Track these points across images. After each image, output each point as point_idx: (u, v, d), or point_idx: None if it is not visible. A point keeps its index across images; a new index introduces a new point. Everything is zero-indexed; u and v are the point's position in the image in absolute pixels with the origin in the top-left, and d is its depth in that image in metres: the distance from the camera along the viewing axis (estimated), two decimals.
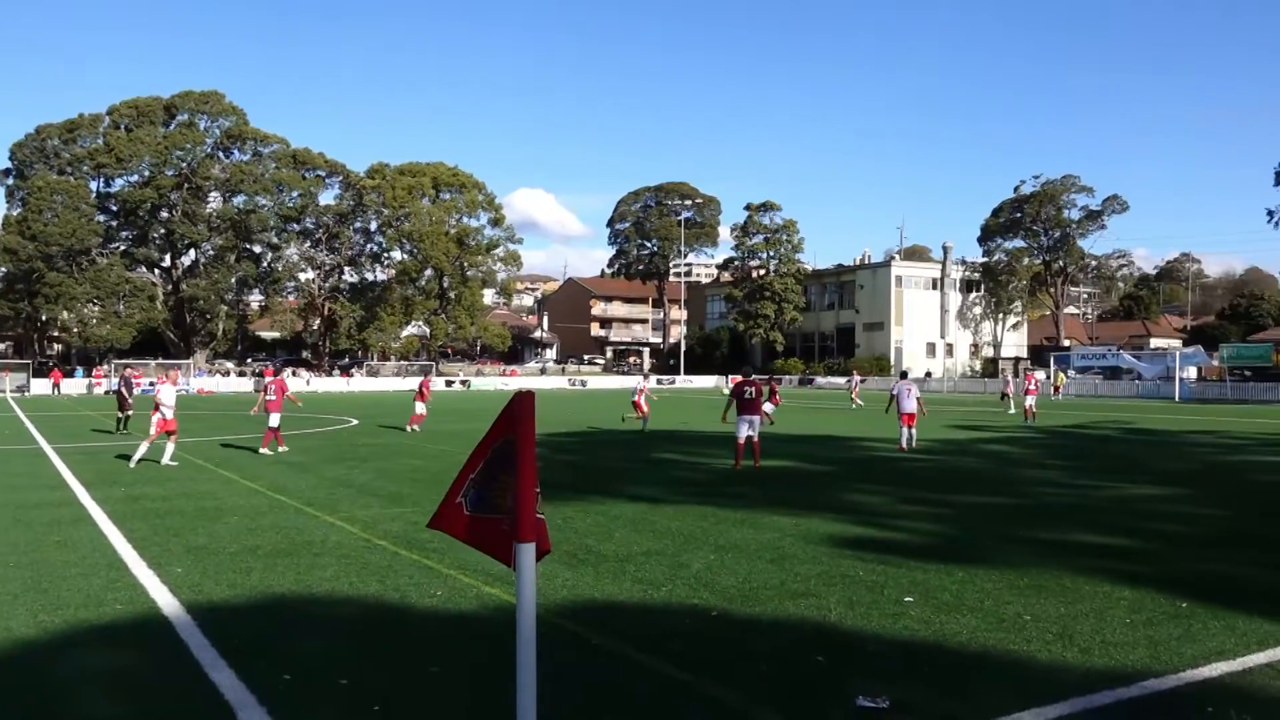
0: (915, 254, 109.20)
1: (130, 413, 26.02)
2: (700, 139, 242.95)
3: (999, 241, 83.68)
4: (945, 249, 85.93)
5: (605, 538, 9.64)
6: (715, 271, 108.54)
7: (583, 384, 78.08)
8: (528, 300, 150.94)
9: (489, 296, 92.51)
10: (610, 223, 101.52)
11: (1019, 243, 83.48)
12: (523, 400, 3.55)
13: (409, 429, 25.46)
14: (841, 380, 75.49)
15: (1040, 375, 42.27)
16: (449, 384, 71.79)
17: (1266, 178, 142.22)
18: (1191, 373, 63.32)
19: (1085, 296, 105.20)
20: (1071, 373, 65.52)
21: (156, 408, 16.96)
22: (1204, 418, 34.99)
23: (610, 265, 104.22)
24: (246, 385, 65.34)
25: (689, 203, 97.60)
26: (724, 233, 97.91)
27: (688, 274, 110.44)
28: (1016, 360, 79.97)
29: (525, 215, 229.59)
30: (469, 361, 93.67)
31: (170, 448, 17.06)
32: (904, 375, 22.66)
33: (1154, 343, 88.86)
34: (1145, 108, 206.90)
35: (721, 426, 27.76)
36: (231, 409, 37.98)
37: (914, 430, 20.47)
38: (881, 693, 5.07)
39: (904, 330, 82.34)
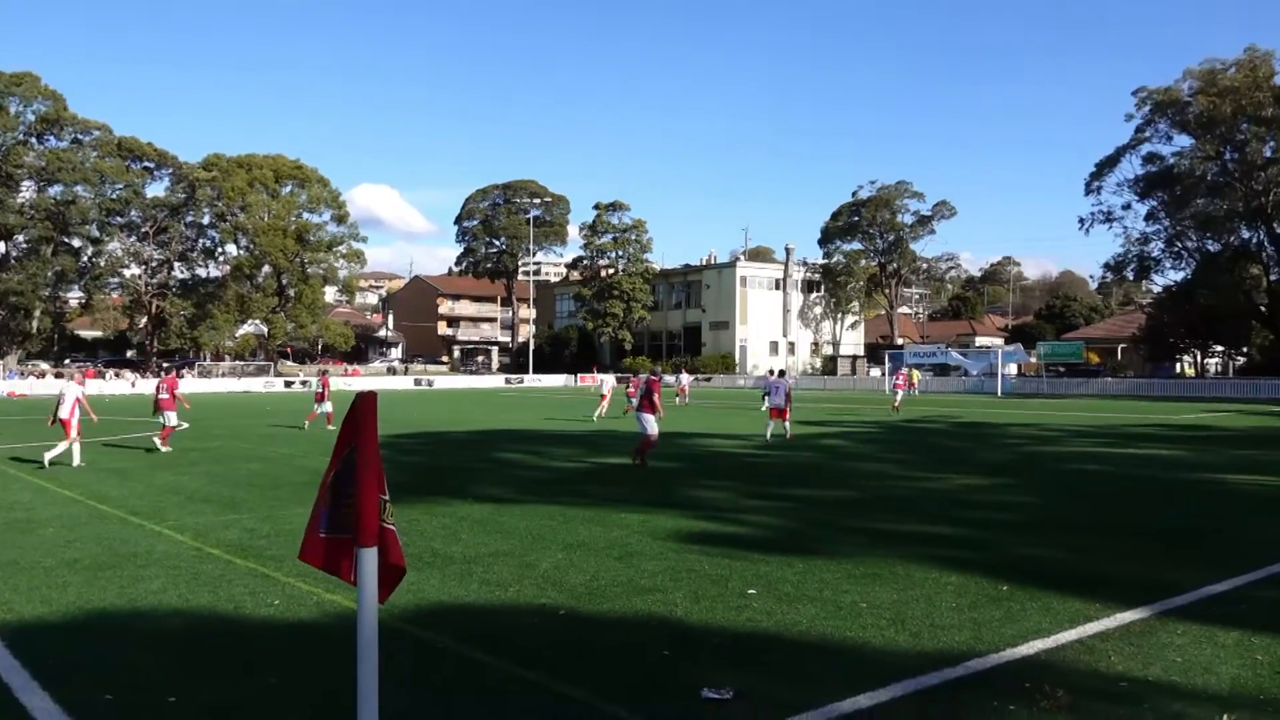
0: (759, 255, 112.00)
1: None
2: (549, 137, 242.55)
3: (838, 244, 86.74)
4: (788, 250, 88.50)
5: (452, 539, 9.50)
6: (564, 270, 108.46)
7: (429, 384, 76.66)
8: (372, 299, 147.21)
9: (331, 294, 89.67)
10: (458, 220, 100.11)
11: (856, 245, 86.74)
12: (365, 401, 3.46)
13: (308, 425, 26.38)
14: (671, 379, 76.81)
15: (905, 372, 44.71)
16: (288, 384, 69.24)
17: (1080, 187, 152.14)
18: (1012, 369, 67.32)
19: (917, 297, 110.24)
20: (903, 369, 68.53)
21: (73, 408, 16.69)
22: (1023, 411, 37.26)
23: (458, 263, 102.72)
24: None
25: (538, 201, 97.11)
26: (573, 232, 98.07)
27: (537, 272, 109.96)
28: (854, 358, 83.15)
29: (368, 211, 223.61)
30: (310, 361, 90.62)
31: (76, 449, 16.76)
32: (780, 374, 24.10)
33: (979, 341, 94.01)
34: (972, 118, 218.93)
35: (567, 426, 27.88)
36: (46, 413, 35.47)
37: (779, 423, 21.87)
38: (726, 684, 5.18)
39: (749, 329, 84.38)
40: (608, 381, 33.88)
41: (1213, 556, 8.63)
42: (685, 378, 48.24)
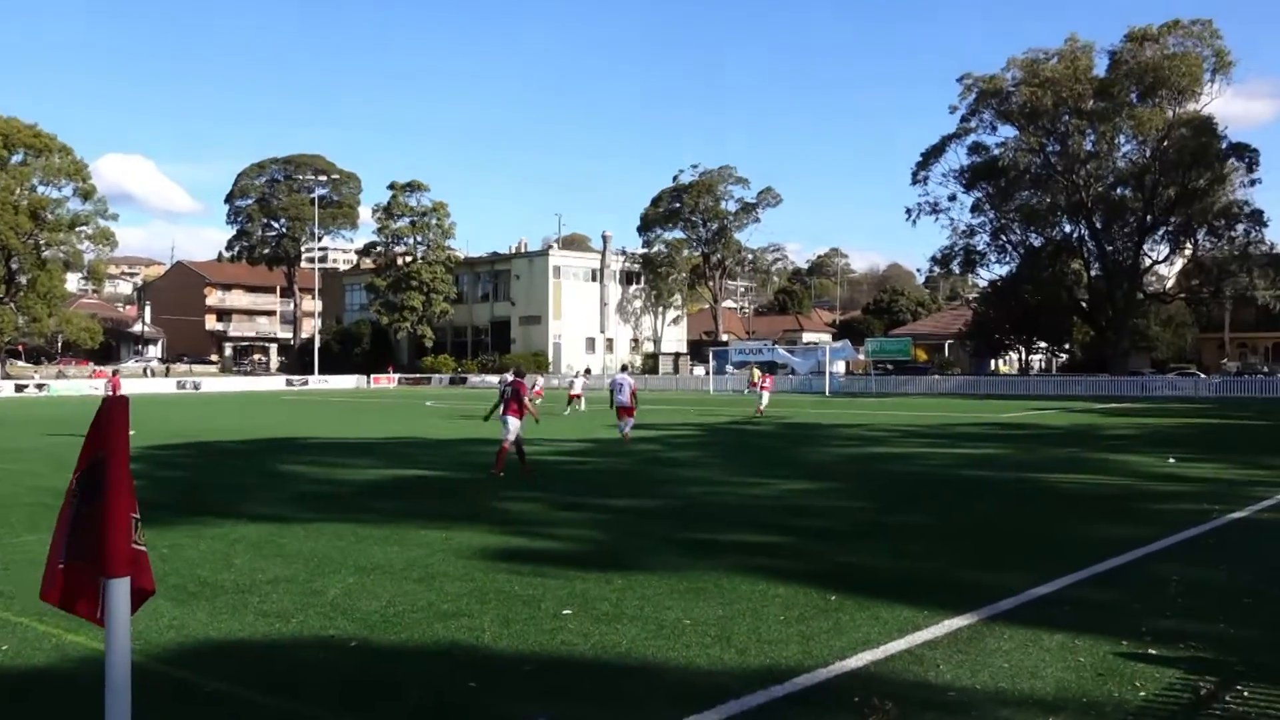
0: (574, 243, 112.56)
1: None
2: (336, 108, 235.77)
3: (658, 232, 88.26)
4: (605, 238, 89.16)
5: (223, 566, 9.10)
6: (355, 257, 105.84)
7: (196, 386, 73.09)
8: (125, 288, 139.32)
9: (74, 282, 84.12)
10: (229, 198, 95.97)
11: (678, 233, 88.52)
12: (113, 408, 3.26)
13: None
14: (494, 379, 76.26)
15: (809, 366, 47.18)
16: (19, 389, 64.47)
17: (908, 176, 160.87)
18: (840, 367, 70.36)
19: (742, 290, 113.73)
20: (730, 368, 70.49)
21: None
22: (851, 411, 39.01)
23: (229, 248, 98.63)
24: None
25: (324, 179, 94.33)
26: (365, 214, 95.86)
27: (323, 260, 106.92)
28: (676, 355, 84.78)
29: (118, 186, 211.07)
30: (48, 361, 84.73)
31: None
32: (624, 369, 24.70)
33: (806, 337, 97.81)
34: (798, 104, 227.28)
35: (359, 433, 27.22)
36: None
37: (629, 420, 23.41)
38: (538, 713, 5.18)
39: (563, 324, 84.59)
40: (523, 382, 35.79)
41: (1037, 558, 9.28)
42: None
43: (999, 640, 6.54)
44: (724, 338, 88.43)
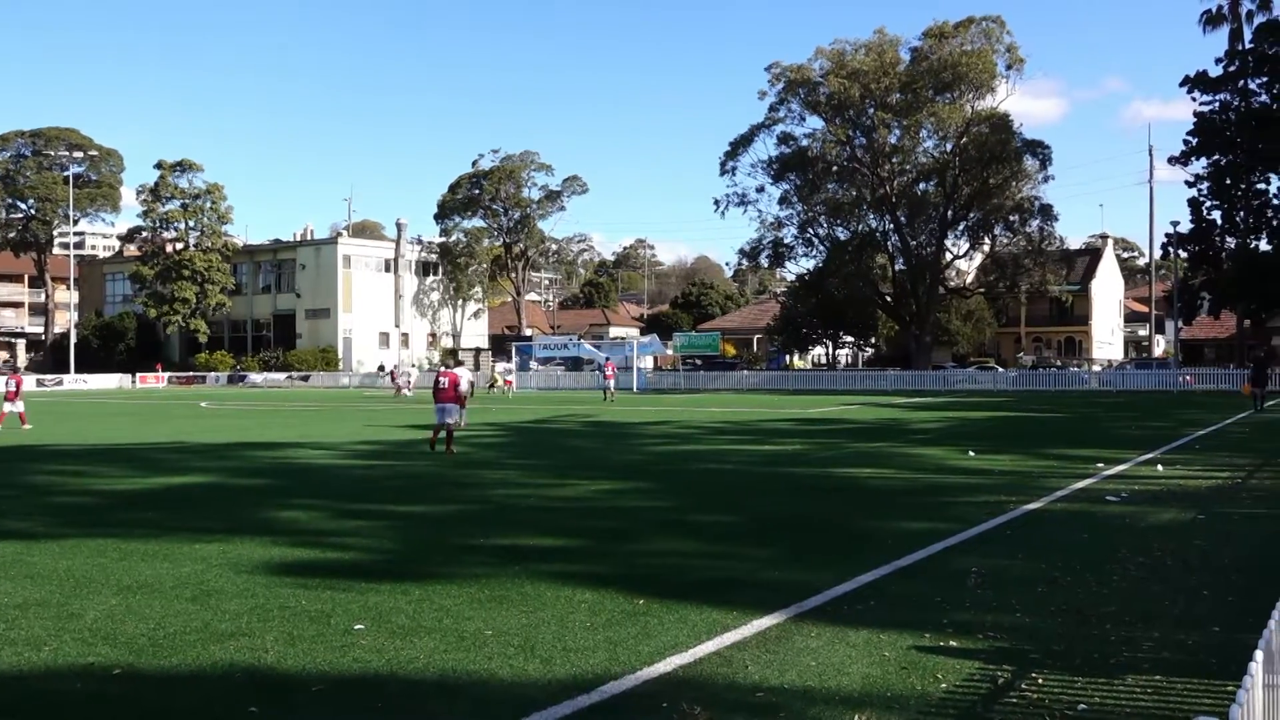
0: (366, 231, 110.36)
1: None
2: (93, 76, 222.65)
3: (457, 220, 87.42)
4: (399, 226, 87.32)
5: None
6: (117, 244, 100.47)
7: None
8: None
9: None
10: None
11: (478, 222, 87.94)
12: None
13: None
14: (259, 378, 73.82)
15: (616, 361, 50.21)
16: None
17: (715, 168, 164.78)
18: (649, 363, 71.43)
19: (547, 283, 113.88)
20: (534, 364, 70.45)
21: None
22: (659, 407, 39.66)
23: None
24: None
25: (80, 155, 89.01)
26: (128, 196, 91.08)
27: (79, 246, 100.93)
28: (477, 351, 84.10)
29: None
30: None
31: None
32: (460, 362, 29.83)
33: (614, 331, 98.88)
34: (603, 87, 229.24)
35: (123, 438, 25.90)
36: None
37: (464, 411, 24.53)
38: None
39: (353, 317, 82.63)
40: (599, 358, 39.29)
41: (844, 554, 9.69)
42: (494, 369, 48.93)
43: (806, 638, 6.80)
44: (528, 332, 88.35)
